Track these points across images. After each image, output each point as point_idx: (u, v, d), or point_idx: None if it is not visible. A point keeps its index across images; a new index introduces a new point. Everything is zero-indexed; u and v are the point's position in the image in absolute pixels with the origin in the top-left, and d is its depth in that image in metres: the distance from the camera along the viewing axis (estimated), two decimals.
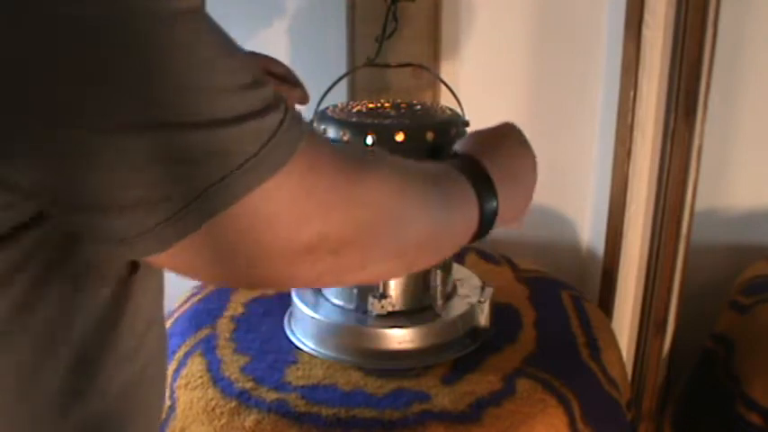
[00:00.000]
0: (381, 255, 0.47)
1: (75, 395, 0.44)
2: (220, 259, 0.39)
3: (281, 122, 0.38)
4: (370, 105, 0.87)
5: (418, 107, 0.88)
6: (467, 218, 0.55)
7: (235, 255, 0.39)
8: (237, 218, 0.37)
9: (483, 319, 0.84)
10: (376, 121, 0.79)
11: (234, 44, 0.38)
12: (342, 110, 0.85)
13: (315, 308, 0.85)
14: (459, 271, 0.93)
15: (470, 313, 0.84)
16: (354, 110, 0.85)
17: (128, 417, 0.50)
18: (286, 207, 0.39)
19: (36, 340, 0.41)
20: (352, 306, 0.84)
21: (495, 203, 0.57)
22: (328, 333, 0.82)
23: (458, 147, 0.63)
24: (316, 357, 0.82)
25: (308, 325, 0.85)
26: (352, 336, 0.82)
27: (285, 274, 0.42)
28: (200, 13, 0.37)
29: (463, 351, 0.82)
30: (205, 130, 0.35)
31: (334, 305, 0.85)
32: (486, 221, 0.57)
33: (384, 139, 0.76)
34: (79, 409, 0.45)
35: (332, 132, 0.78)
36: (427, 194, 0.51)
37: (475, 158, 0.58)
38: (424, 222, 0.50)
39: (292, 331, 0.87)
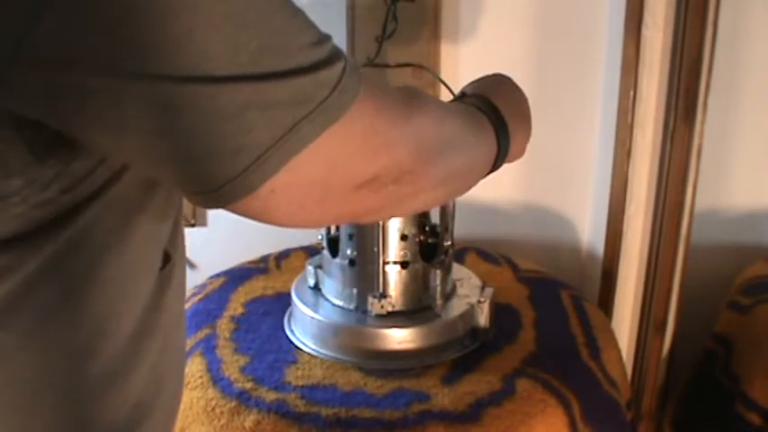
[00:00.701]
0: (432, 182, 0.52)
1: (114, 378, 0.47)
2: (299, 195, 0.43)
3: (344, 70, 0.43)
4: None
5: None
6: (490, 148, 0.63)
7: (312, 189, 0.44)
8: (317, 154, 0.42)
9: (483, 319, 0.84)
10: None
11: (297, 7, 0.43)
12: None
13: (315, 308, 0.85)
14: (459, 271, 0.93)
15: (470, 313, 0.84)
16: None
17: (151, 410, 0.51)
18: (357, 144, 0.44)
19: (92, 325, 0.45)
20: (352, 306, 0.84)
21: (507, 137, 0.64)
22: (328, 333, 0.83)
23: (466, 89, 0.71)
24: (316, 357, 0.82)
25: (307, 325, 0.85)
26: (352, 336, 0.82)
27: (353, 204, 0.47)
28: None
29: (463, 351, 0.83)
30: (290, 78, 0.39)
31: (334, 305, 0.85)
32: (502, 152, 0.64)
33: None
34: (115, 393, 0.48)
35: None
36: (464, 125, 0.59)
37: (487, 98, 0.66)
38: (463, 150, 0.57)
39: (292, 331, 0.87)
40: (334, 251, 0.85)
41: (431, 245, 0.85)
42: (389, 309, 0.82)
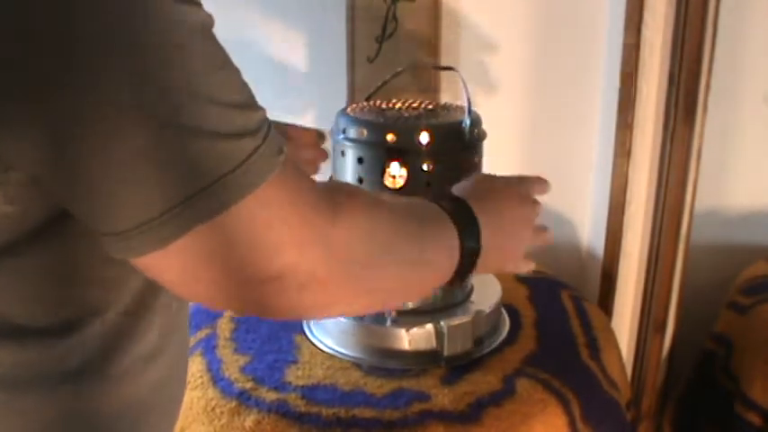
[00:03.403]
0: (348, 296, 0.48)
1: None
2: (193, 276, 0.41)
3: (257, 149, 0.39)
4: (398, 104, 0.86)
5: (439, 106, 0.87)
6: (443, 261, 0.55)
7: (209, 266, 0.40)
8: (211, 234, 0.38)
9: (439, 342, 0.79)
10: (431, 121, 0.79)
11: (232, 63, 0.40)
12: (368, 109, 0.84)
13: None
14: (485, 278, 0.91)
15: (476, 321, 0.82)
16: (400, 107, 0.84)
17: (152, 408, 0.51)
18: (259, 233, 0.40)
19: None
20: None
21: (476, 246, 0.57)
22: (347, 331, 0.82)
23: (455, 189, 0.64)
24: (316, 357, 0.82)
25: (310, 322, 0.85)
26: (352, 334, 0.82)
27: (254, 299, 0.43)
28: (210, 30, 0.39)
29: (466, 359, 0.82)
30: (190, 137, 0.37)
31: None
32: (466, 264, 0.57)
33: (407, 138, 0.76)
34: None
35: (354, 132, 0.78)
36: (408, 237, 0.52)
37: (463, 200, 0.59)
38: (399, 265, 0.51)
39: (294, 327, 0.87)
40: None
41: None
42: (401, 308, 0.81)
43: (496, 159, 0.91)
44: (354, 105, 0.85)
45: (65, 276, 0.44)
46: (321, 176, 0.79)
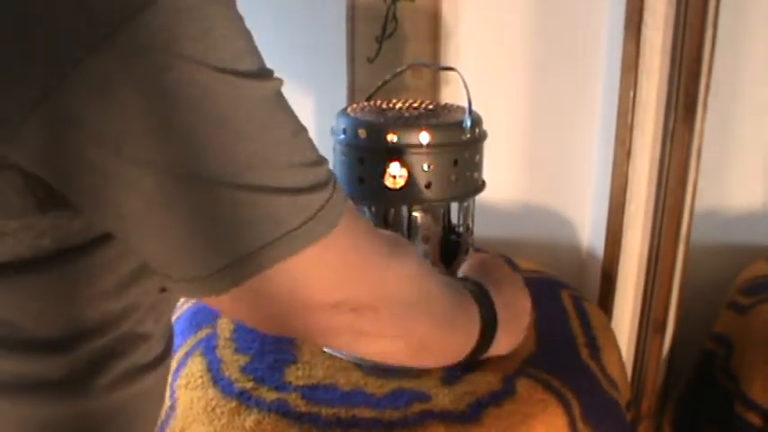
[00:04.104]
0: (392, 330, 0.52)
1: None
2: (258, 310, 0.45)
3: (328, 200, 0.43)
4: (400, 104, 0.86)
5: (439, 106, 0.87)
6: (467, 335, 0.62)
7: (270, 307, 0.45)
8: (276, 278, 0.42)
9: None
10: (442, 121, 0.79)
11: (300, 123, 0.44)
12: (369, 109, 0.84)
13: None
14: None
15: None
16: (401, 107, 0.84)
17: (133, 414, 0.51)
18: (322, 274, 0.45)
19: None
20: None
21: (493, 336, 0.64)
22: None
23: (466, 270, 0.71)
24: (316, 357, 0.82)
25: None
26: None
27: (310, 326, 0.48)
28: (281, 94, 0.43)
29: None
30: (268, 194, 0.40)
31: None
32: (484, 345, 0.64)
33: (407, 138, 0.76)
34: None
35: (353, 131, 0.77)
36: (445, 299, 0.58)
37: (486, 290, 0.66)
38: (436, 318, 0.57)
39: None
40: None
41: (453, 244, 0.84)
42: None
43: (496, 159, 0.92)
44: (354, 105, 0.85)
45: (77, 294, 0.45)
46: None
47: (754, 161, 1.21)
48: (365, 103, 0.86)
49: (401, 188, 0.75)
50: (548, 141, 1.21)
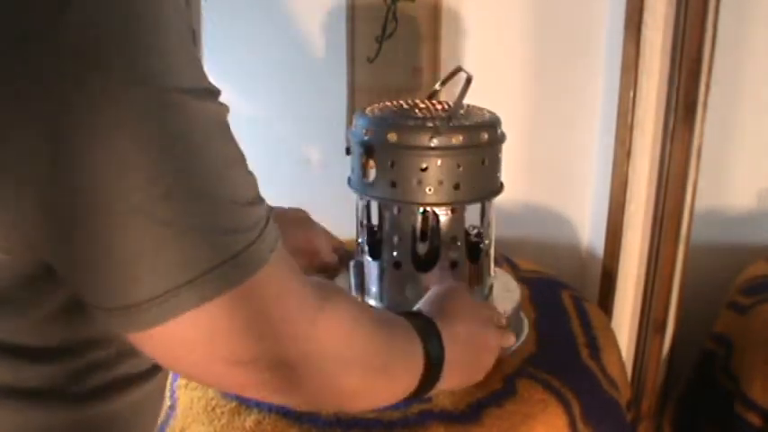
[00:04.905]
0: (316, 386, 0.49)
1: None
2: (178, 356, 0.42)
3: (253, 243, 0.40)
4: (421, 105, 0.84)
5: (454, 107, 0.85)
6: (406, 376, 0.58)
7: (191, 355, 0.42)
8: (196, 321, 0.39)
9: None
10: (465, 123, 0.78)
11: (244, 158, 0.42)
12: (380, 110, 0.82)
13: None
14: (502, 276, 0.91)
15: None
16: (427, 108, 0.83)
17: (132, 417, 0.52)
18: (241, 323, 0.41)
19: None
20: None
21: (440, 372, 0.61)
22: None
23: (422, 303, 0.68)
24: None
25: None
26: None
27: (225, 379, 0.45)
28: (226, 124, 0.40)
29: None
30: (181, 230, 0.37)
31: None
32: (431, 380, 0.61)
33: (439, 139, 0.74)
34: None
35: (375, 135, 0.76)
36: (379, 349, 0.54)
37: (435, 325, 0.62)
38: (365, 371, 0.53)
39: None
40: (376, 254, 0.81)
41: (475, 245, 0.83)
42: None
43: None
44: (374, 106, 0.82)
45: (74, 312, 0.44)
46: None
47: (754, 161, 1.21)
48: (385, 103, 0.83)
49: (432, 189, 0.75)
50: (548, 141, 1.21)
